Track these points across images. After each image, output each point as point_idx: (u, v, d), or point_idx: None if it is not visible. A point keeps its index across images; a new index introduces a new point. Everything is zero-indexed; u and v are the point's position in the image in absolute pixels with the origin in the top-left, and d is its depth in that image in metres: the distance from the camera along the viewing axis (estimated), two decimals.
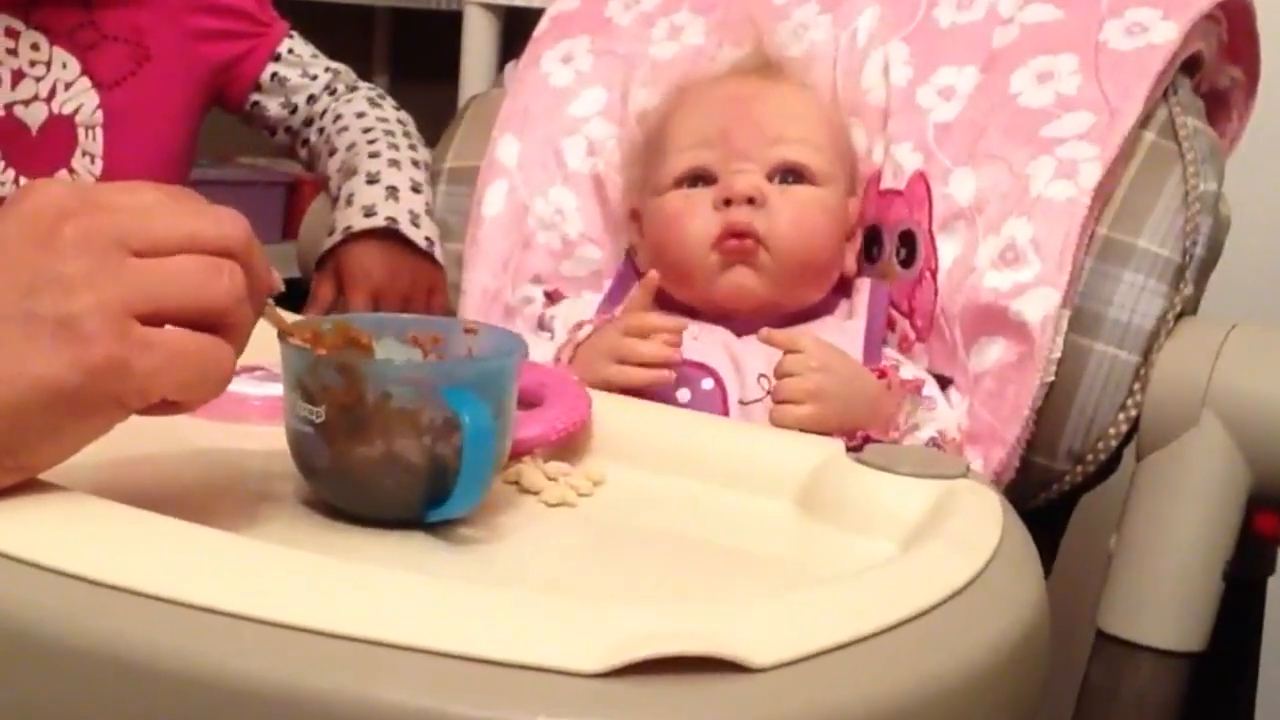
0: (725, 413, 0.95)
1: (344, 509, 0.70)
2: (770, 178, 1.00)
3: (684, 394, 0.95)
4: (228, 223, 0.60)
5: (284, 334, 0.68)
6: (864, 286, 1.05)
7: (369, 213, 1.12)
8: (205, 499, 0.72)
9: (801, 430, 0.88)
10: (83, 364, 0.56)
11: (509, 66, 1.27)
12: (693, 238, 1.00)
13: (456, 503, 0.67)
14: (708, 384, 0.96)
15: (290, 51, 1.25)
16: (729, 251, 0.99)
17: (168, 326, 0.58)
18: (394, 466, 0.67)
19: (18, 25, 1.11)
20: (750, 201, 0.98)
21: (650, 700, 0.49)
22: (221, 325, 0.60)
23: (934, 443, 0.96)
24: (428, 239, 1.13)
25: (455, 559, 0.68)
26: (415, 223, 1.12)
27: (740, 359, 0.97)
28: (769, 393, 0.94)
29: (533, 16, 1.28)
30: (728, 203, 0.99)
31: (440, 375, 0.69)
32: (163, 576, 0.54)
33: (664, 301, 1.03)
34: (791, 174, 1.01)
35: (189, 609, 0.52)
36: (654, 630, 0.51)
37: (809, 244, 1.00)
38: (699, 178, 1.02)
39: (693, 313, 1.01)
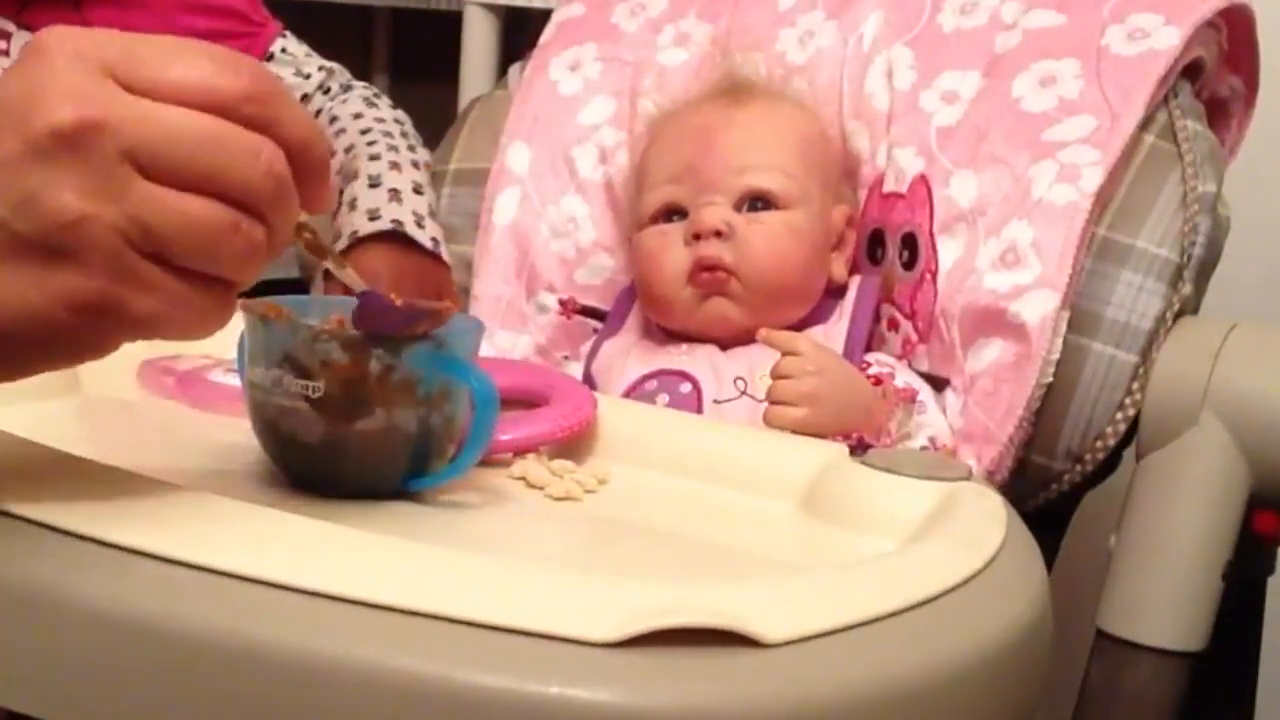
0: (700, 412, 0.98)
1: (319, 484, 0.71)
2: (739, 207, 1.02)
3: (663, 399, 0.99)
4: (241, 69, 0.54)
5: (262, 313, 0.69)
6: (853, 286, 1.06)
7: (373, 216, 1.12)
8: (203, 485, 0.72)
9: (794, 433, 0.89)
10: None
11: (513, 69, 1.27)
12: (668, 274, 1.03)
13: (456, 467, 0.71)
14: (685, 388, 1.00)
15: (284, 51, 1.26)
16: (702, 284, 1.01)
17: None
18: (391, 437, 0.69)
19: (9, 27, 1.11)
20: (718, 234, 1.00)
21: (662, 671, 0.50)
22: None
23: (926, 450, 0.97)
24: (433, 240, 1.13)
25: (461, 546, 0.68)
26: (420, 224, 1.13)
27: (719, 366, 1.00)
28: (744, 393, 0.97)
29: (533, 16, 1.28)
30: (697, 237, 1.01)
31: (440, 347, 0.71)
32: (185, 543, 0.54)
33: (654, 329, 1.06)
34: (760, 201, 1.02)
35: (214, 574, 0.53)
36: (667, 603, 0.52)
37: (780, 269, 1.02)
38: (672, 212, 1.04)
39: (684, 336, 1.04)
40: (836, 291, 1.06)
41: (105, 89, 0.51)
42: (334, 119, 1.24)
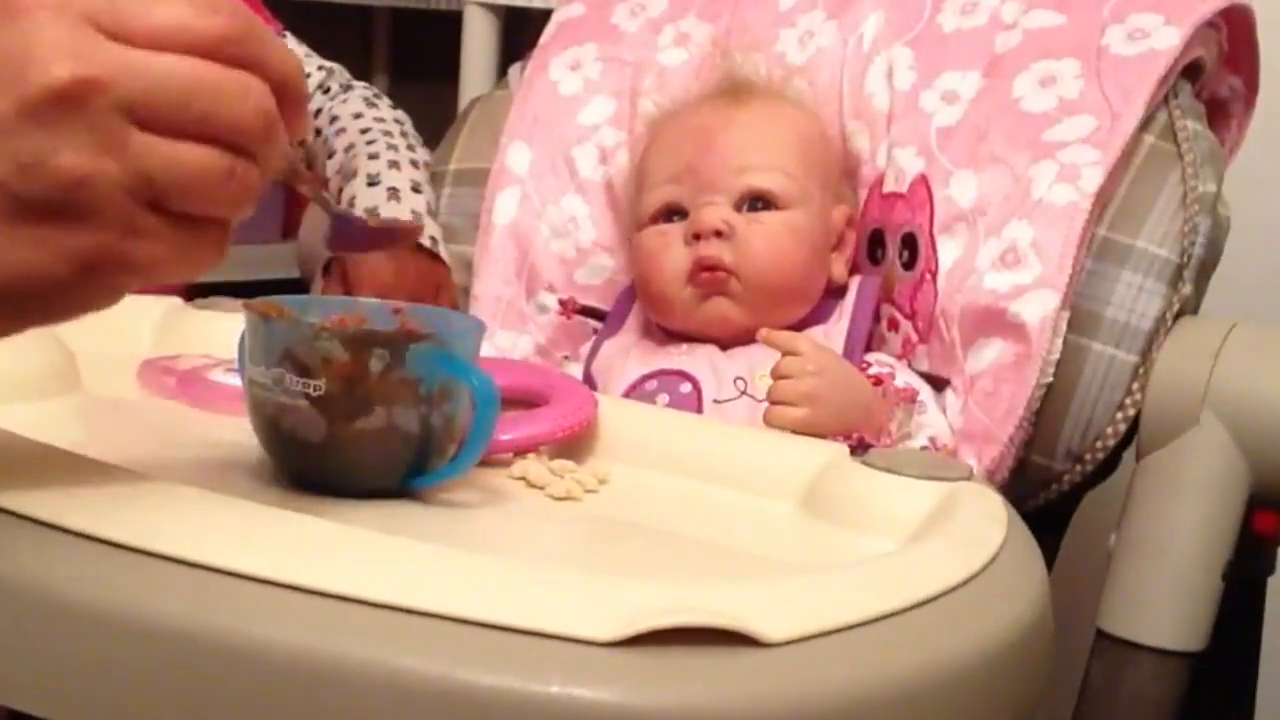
0: (700, 412, 0.98)
1: (320, 482, 0.70)
2: (739, 207, 1.02)
3: (663, 399, 0.99)
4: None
5: (262, 311, 0.69)
6: (853, 286, 1.06)
7: (371, 215, 1.12)
8: (203, 484, 0.73)
9: (794, 433, 0.89)
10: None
11: (514, 69, 1.27)
12: (668, 273, 1.03)
13: (457, 466, 0.71)
14: (685, 388, 1.00)
15: None
16: (702, 284, 1.02)
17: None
18: (392, 436, 0.69)
19: None
20: (718, 234, 1.01)
21: (662, 670, 0.50)
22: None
23: (926, 450, 0.97)
24: (432, 238, 1.13)
25: (461, 546, 0.68)
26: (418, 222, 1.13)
27: (719, 366, 1.01)
28: (744, 393, 0.97)
29: (533, 16, 1.28)
30: (697, 237, 1.01)
31: (441, 345, 0.71)
32: (188, 542, 0.54)
33: (654, 329, 1.06)
34: (760, 201, 1.03)
35: (211, 572, 0.53)
36: (667, 603, 0.52)
37: (780, 269, 1.02)
38: (672, 212, 1.05)
39: (684, 336, 1.04)
40: (836, 291, 1.06)
41: (94, 42, 0.50)
42: (334, 119, 1.24)
